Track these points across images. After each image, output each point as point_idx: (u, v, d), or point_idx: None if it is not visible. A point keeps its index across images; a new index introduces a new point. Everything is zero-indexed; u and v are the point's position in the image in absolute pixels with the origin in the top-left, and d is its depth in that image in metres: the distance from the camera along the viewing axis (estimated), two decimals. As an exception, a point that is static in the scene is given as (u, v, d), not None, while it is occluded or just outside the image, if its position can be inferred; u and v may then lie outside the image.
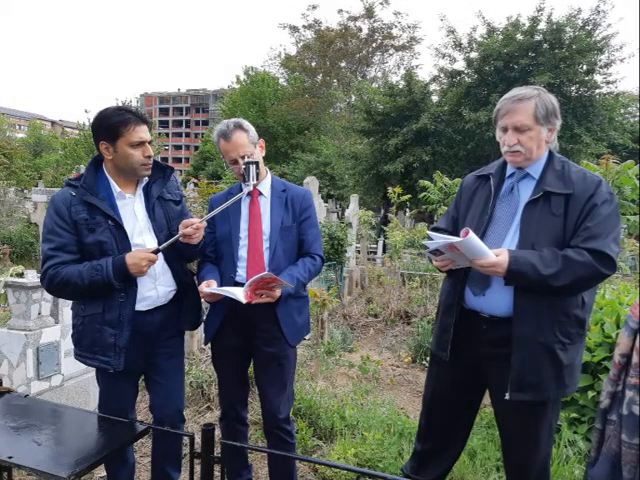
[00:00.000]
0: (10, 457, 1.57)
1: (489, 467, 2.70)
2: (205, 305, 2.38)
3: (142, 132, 2.00)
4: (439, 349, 2.11)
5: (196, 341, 4.24)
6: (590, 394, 2.88)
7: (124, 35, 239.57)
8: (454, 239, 1.77)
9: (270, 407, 2.28)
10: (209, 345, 2.43)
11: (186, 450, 2.68)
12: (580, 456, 2.76)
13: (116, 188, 2.06)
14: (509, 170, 2.02)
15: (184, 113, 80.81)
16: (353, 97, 23.54)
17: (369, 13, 28.83)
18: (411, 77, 18.27)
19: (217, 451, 1.71)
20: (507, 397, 1.87)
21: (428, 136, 17.63)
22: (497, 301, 1.91)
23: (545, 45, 16.56)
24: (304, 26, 30.43)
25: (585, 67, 16.64)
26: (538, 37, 16.68)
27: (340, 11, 39.37)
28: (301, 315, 2.31)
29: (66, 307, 3.36)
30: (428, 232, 2.06)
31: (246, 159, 2.14)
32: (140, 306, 2.06)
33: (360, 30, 29.51)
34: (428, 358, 2.62)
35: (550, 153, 1.97)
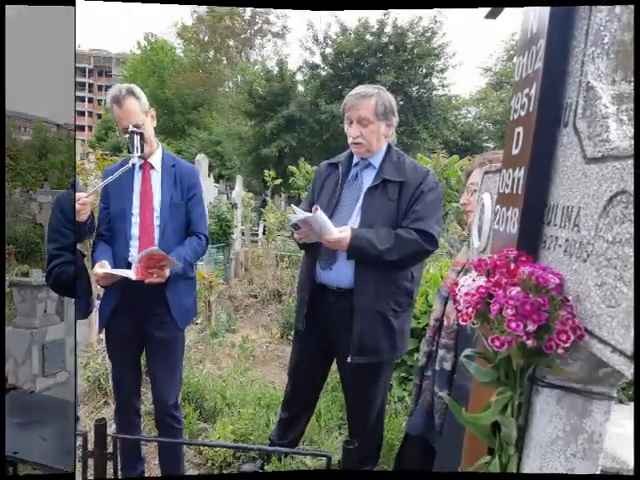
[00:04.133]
0: (15, 452, 1.58)
1: (331, 426, 2.97)
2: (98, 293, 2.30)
3: None
4: (297, 322, 2.30)
5: (94, 332, 3.89)
6: (416, 356, 3.27)
7: None
8: (308, 215, 1.97)
9: (160, 394, 2.24)
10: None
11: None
12: (407, 410, 3.17)
13: None
14: (355, 159, 2.24)
15: (87, 75, 70.05)
16: (239, 77, 23.12)
17: (250, -5, 28.48)
18: (282, 64, 18.46)
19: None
20: (349, 360, 2.10)
21: (295, 123, 17.98)
22: (342, 274, 2.12)
23: (391, 47, 17.85)
24: (197, -2, 29.09)
25: (424, 70, 18.37)
26: (385, 39, 17.91)
27: (226, -12, 38.23)
28: (189, 297, 2.27)
29: (71, 305, 3.24)
30: (292, 206, 2.21)
31: (130, 128, 2.02)
32: None
33: (245, 10, 29.23)
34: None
35: (389, 146, 2.22)
